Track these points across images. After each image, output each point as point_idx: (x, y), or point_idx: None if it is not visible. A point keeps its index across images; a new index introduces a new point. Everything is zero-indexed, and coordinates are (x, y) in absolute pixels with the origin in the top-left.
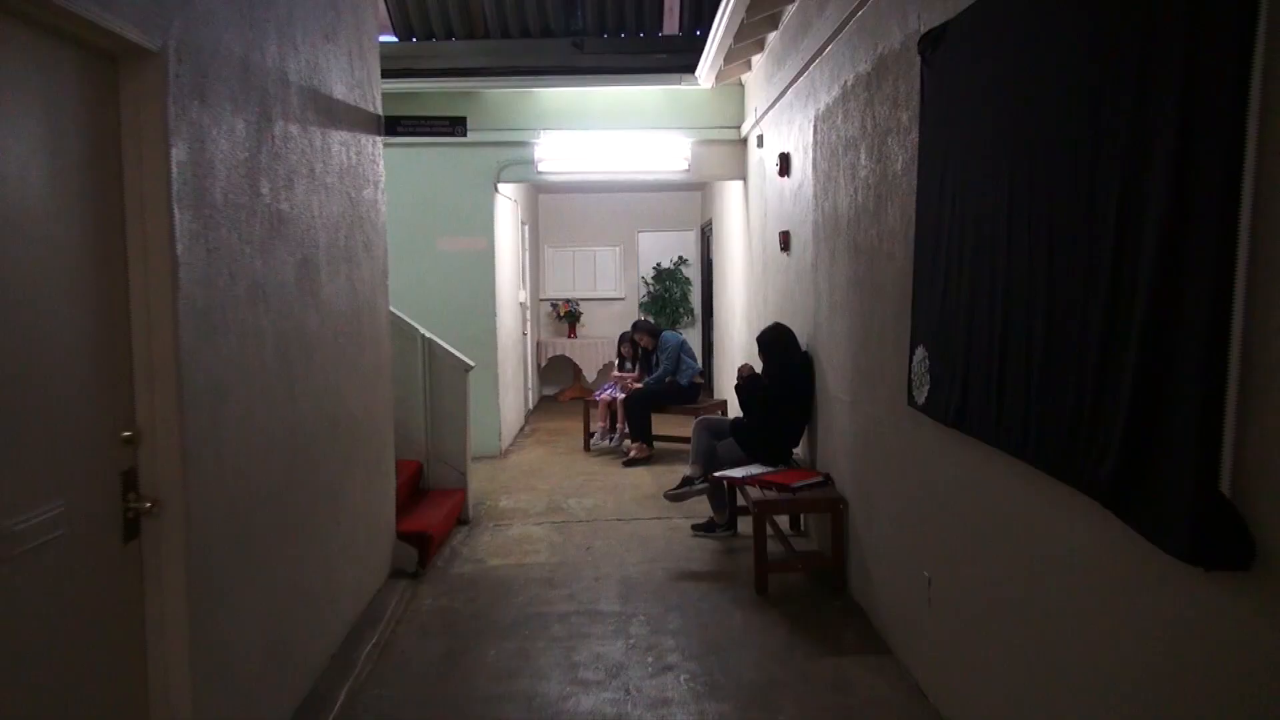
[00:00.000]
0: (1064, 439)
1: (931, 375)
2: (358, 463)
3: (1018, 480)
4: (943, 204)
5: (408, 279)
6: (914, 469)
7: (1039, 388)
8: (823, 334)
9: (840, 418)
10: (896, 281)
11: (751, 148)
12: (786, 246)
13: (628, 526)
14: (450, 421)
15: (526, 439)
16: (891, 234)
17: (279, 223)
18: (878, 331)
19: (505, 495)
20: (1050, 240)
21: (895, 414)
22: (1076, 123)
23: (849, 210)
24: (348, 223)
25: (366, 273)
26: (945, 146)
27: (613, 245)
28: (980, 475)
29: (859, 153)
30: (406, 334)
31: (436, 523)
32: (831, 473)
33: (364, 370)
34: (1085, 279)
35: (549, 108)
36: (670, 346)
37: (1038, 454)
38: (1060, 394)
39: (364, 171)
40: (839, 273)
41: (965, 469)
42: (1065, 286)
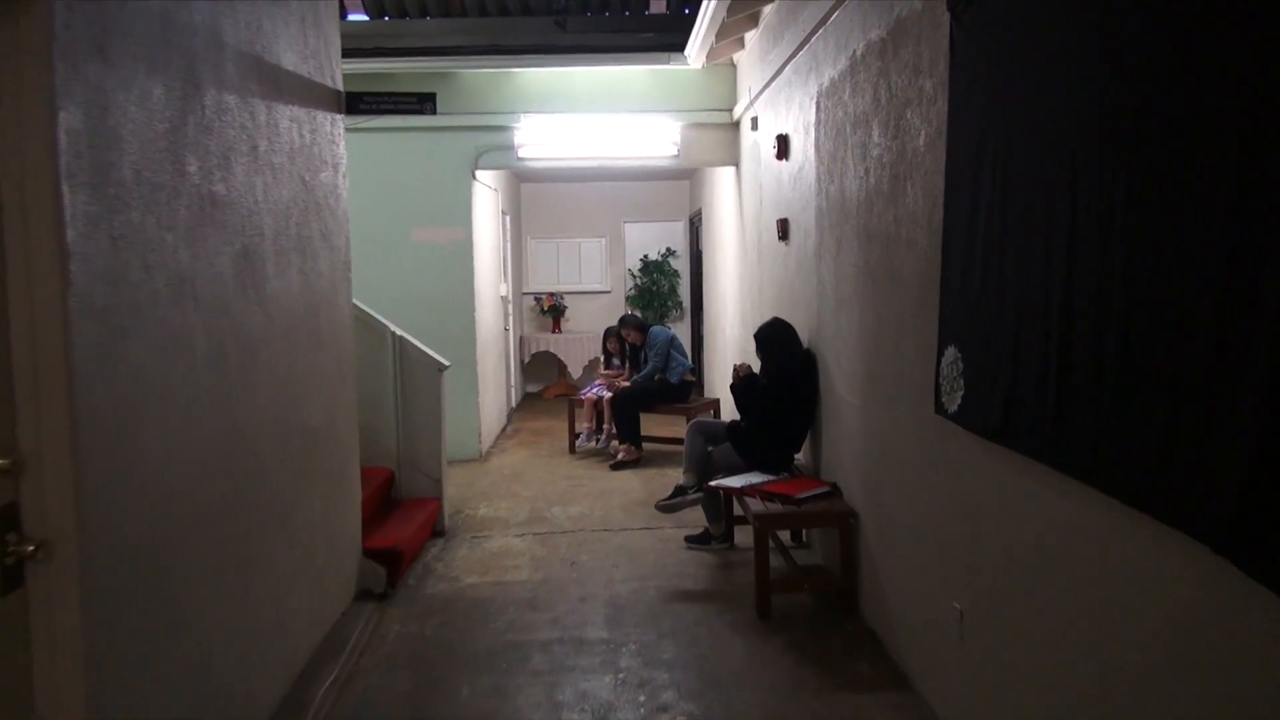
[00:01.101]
0: (1153, 464)
1: (965, 380)
2: (316, 475)
3: (1083, 508)
4: (980, 182)
5: (381, 272)
6: (942, 485)
7: (1115, 400)
8: (827, 330)
9: (849, 422)
10: (918, 271)
11: (745, 131)
12: (785, 235)
13: (616, 538)
14: (424, 425)
15: (508, 440)
16: (911, 218)
17: (212, 207)
18: (894, 328)
19: (485, 503)
20: (1134, 224)
21: (918, 422)
22: (1181, 84)
23: (859, 193)
24: (300, 208)
25: (324, 265)
26: (983, 116)
27: (598, 236)
28: (1031, 499)
29: (871, 129)
30: (375, 331)
31: (408, 537)
32: (839, 482)
33: (322, 372)
34: (1185, 272)
35: (529, 90)
36: (659, 342)
37: (1114, 480)
38: (1148, 409)
39: (321, 152)
40: (847, 262)
41: (1010, 490)
42: (1156, 280)
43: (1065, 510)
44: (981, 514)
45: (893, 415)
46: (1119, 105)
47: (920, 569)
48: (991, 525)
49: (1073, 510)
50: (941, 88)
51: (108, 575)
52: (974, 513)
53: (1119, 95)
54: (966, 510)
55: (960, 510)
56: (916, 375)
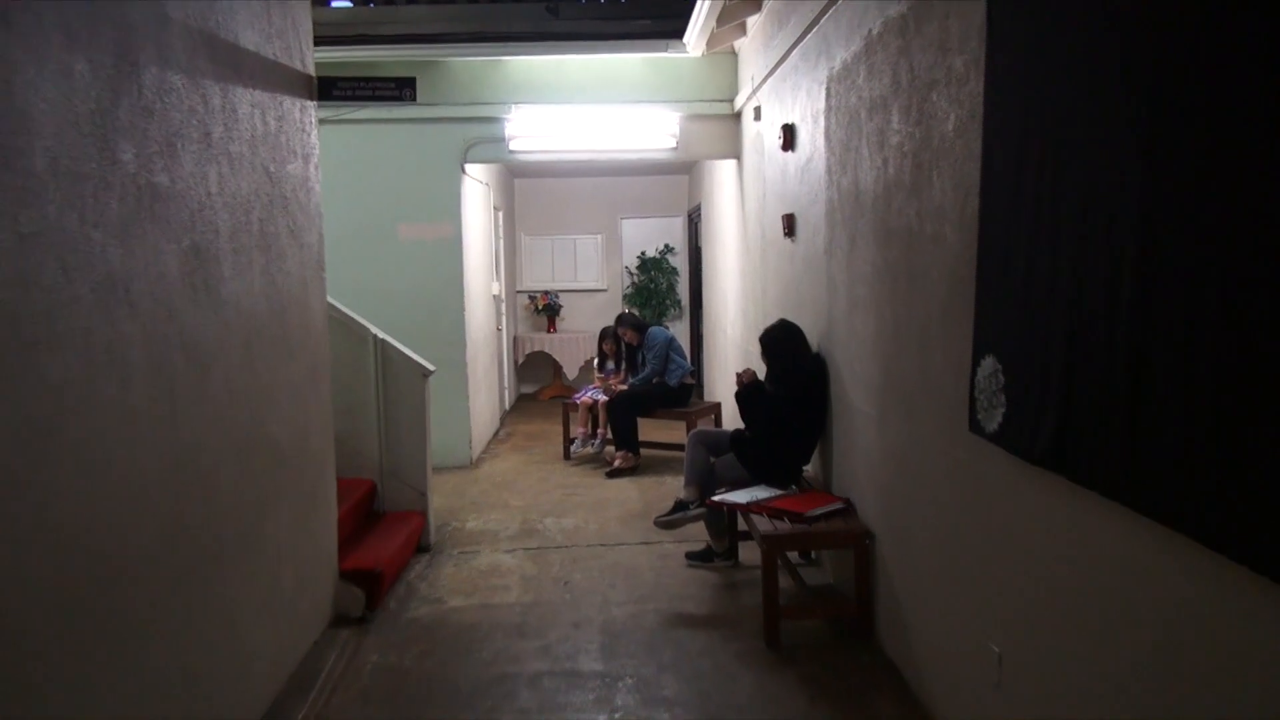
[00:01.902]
0: (1263, 512)
1: (1007, 396)
2: (283, 493)
3: (1160, 553)
4: (1024, 170)
5: (366, 271)
6: (977, 512)
7: (1219, 429)
8: (839, 333)
9: (864, 434)
10: (946, 270)
11: (747, 122)
12: (791, 231)
13: (612, 554)
14: (408, 434)
15: (501, 445)
16: (938, 211)
17: (153, 199)
18: (917, 334)
19: (474, 514)
20: (1235, 212)
21: (948, 439)
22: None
23: (875, 185)
24: (264, 203)
25: (293, 264)
26: (1029, 95)
27: (594, 233)
28: (1090, 537)
29: (889, 115)
30: (356, 334)
31: (389, 555)
32: (852, 497)
33: (292, 381)
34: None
35: (520, 79)
36: (658, 344)
37: (1224, 533)
38: (1260, 442)
39: (289, 142)
40: (862, 260)
41: (1063, 525)
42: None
43: (1137, 554)
44: (1025, 548)
45: (916, 429)
46: (1217, 68)
47: (949, 602)
48: (1038, 562)
49: (1147, 554)
50: (975, 65)
51: (8, 635)
52: (1016, 546)
53: (1216, 56)
54: (1006, 542)
55: (998, 541)
56: (945, 387)
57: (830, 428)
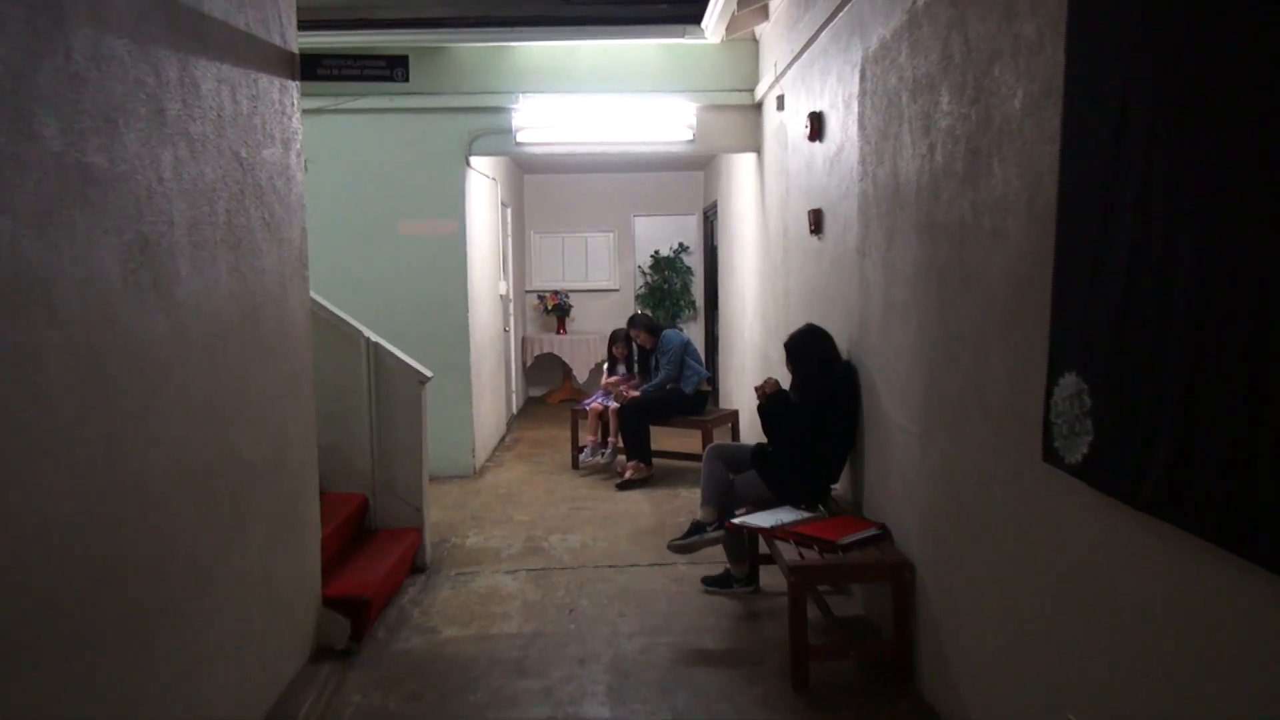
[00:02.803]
0: None
1: (1096, 422)
2: (255, 518)
3: None
4: (1124, 151)
5: (363, 269)
6: (1052, 556)
7: None
8: (873, 339)
9: (903, 453)
10: (1009, 273)
11: (768, 112)
12: (819, 228)
13: (622, 577)
14: (403, 445)
15: (507, 452)
16: (999, 203)
17: (84, 183)
18: (971, 344)
19: (475, 530)
20: None
21: (1011, 466)
22: None
23: (919, 175)
24: (233, 192)
25: (270, 260)
26: (1133, 59)
27: (606, 231)
28: (1220, 604)
29: (937, 95)
30: (346, 338)
31: (379, 579)
32: (888, 522)
33: (266, 392)
34: None
35: (529, 66)
36: (673, 348)
37: None
38: None
39: (265, 125)
40: (902, 259)
41: (1178, 584)
42: None
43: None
44: (1120, 606)
45: (969, 452)
46: None
47: (1010, 654)
48: (1138, 625)
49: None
50: (1052, 30)
51: None
52: (1105, 601)
53: None
54: (1092, 595)
55: (1081, 593)
56: (1009, 406)
57: (862, 444)
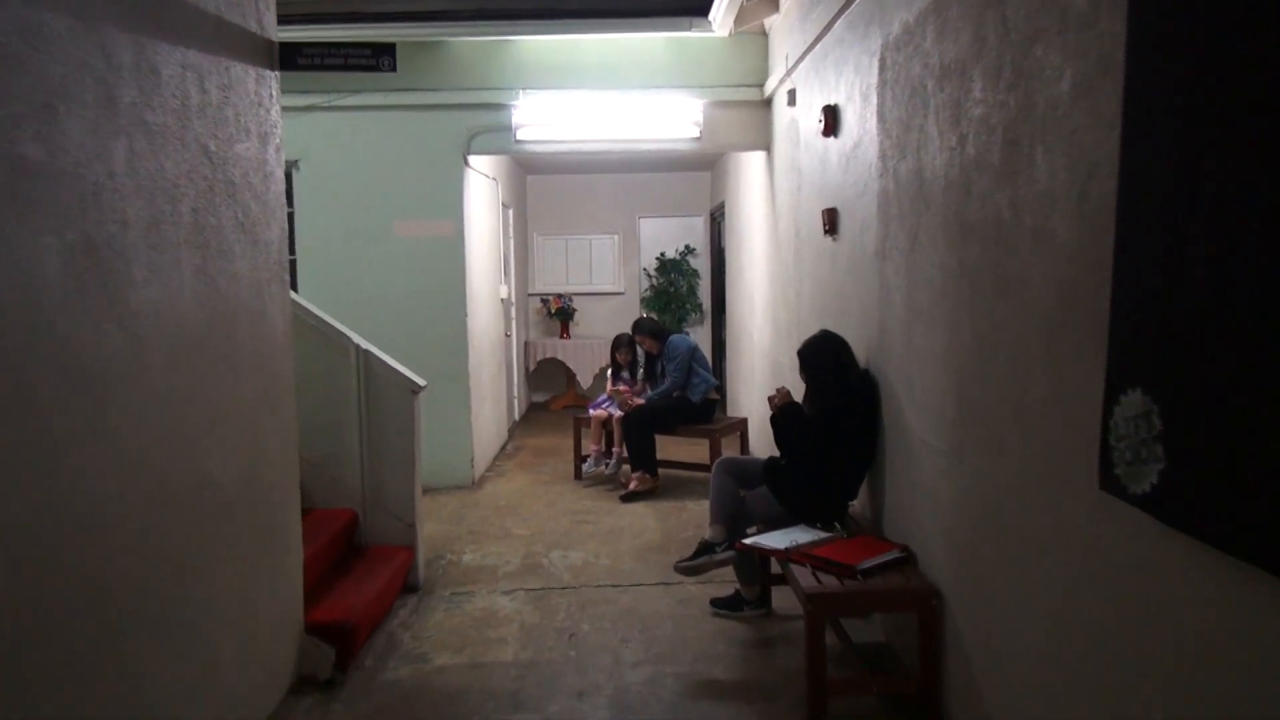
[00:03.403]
0: None
1: (1168, 448)
2: (226, 543)
3: None
4: (1202, 137)
5: (357, 273)
6: (1108, 590)
7: None
8: (895, 348)
9: (928, 471)
10: (1054, 274)
11: (778, 108)
12: (833, 228)
13: (625, 598)
14: (395, 458)
15: (508, 461)
16: (1043, 199)
17: (13, 176)
18: (1009, 354)
19: (471, 545)
20: None
21: (1058, 492)
22: None
23: (947, 170)
24: (201, 189)
25: (244, 264)
26: (1218, 25)
27: (610, 233)
28: None
29: (969, 81)
30: (335, 345)
31: (367, 602)
32: (911, 544)
33: (239, 407)
34: None
35: (529, 61)
36: (679, 354)
37: None
38: None
39: (238, 117)
40: (927, 262)
41: (1264, 632)
42: None
43: None
44: (1195, 653)
45: (1006, 473)
46: None
47: (1056, 697)
48: (1214, 674)
49: None
50: (1108, 1)
51: None
52: (1184, 655)
53: None
54: (1163, 645)
55: (1150, 643)
56: (1053, 425)
57: (881, 459)
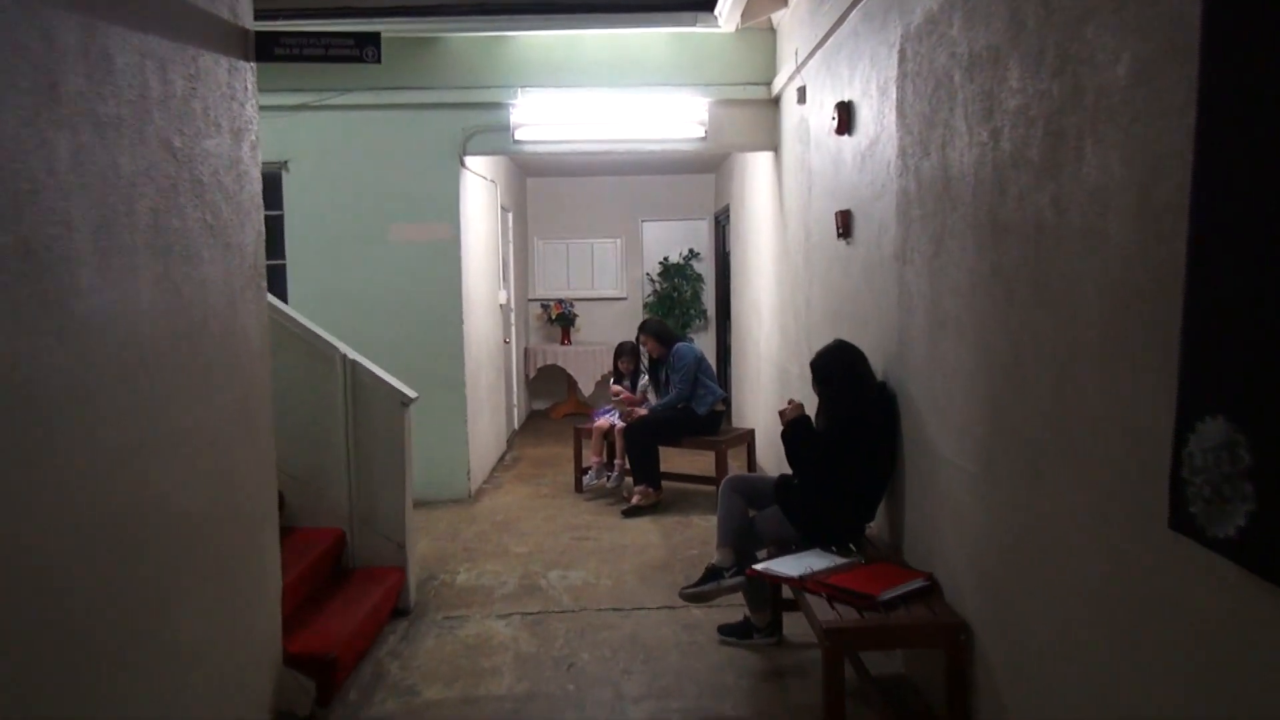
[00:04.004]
0: None
1: (1259, 485)
2: (194, 574)
3: None
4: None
5: (349, 278)
6: (1176, 645)
7: None
8: (917, 359)
9: (955, 494)
10: (1110, 281)
11: (787, 106)
12: (847, 231)
13: (628, 623)
14: (384, 475)
15: (506, 472)
16: (1094, 196)
17: None
18: (1051, 368)
19: (466, 564)
20: None
21: (1117, 528)
22: None
23: (978, 167)
24: (163, 188)
25: (214, 270)
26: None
27: (613, 237)
28: None
29: (1003, 69)
30: (321, 355)
31: (352, 630)
32: (936, 572)
33: (209, 425)
34: None
35: (528, 59)
36: (686, 364)
37: None
38: None
39: (208, 111)
40: (954, 266)
41: None
42: None
43: None
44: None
45: (1046, 501)
46: None
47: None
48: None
49: None
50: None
51: None
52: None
53: None
54: (1241, 713)
55: (1222, 710)
56: (1109, 450)
57: (901, 479)
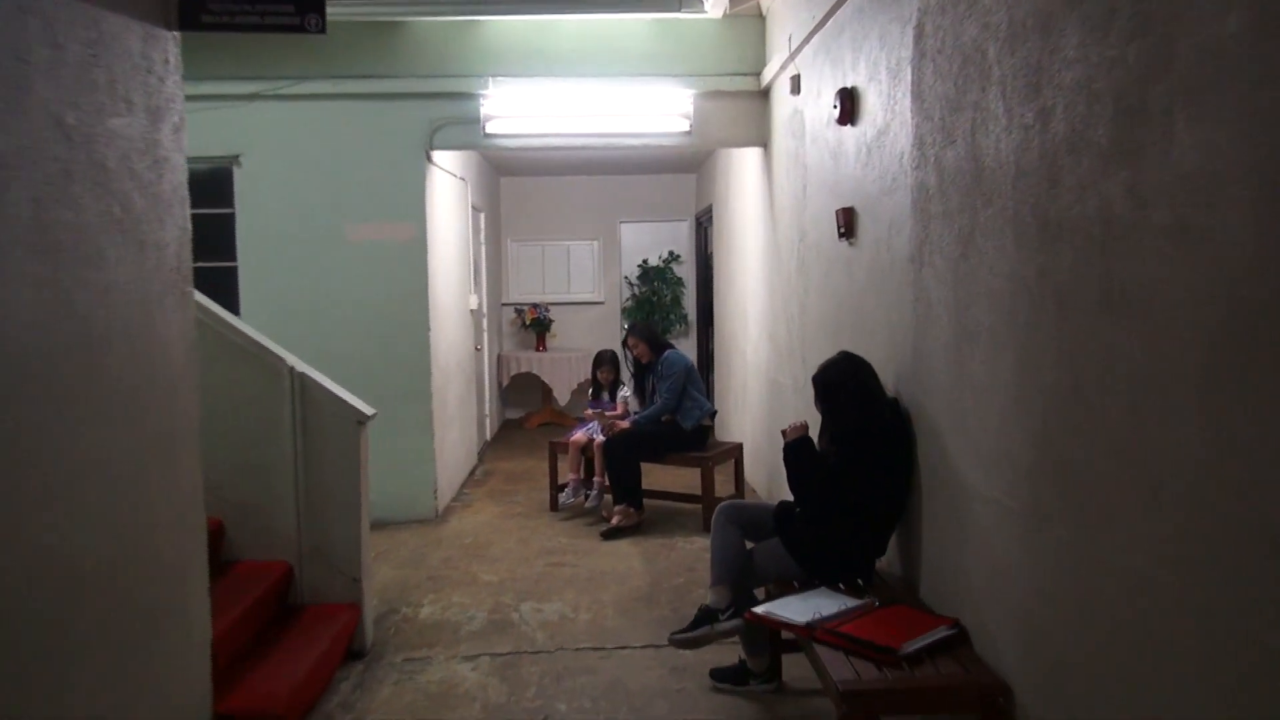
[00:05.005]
0: None
1: None
2: (93, 631)
3: None
4: None
5: (303, 282)
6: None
7: None
8: (937, 376)
9: (988, 530)
10: (1214, 288)
11: (778, 98)
12: (850, 231)
13: (609, 665)
14: (337, 500)
15: (477, 488)
16: (1188, 184)
17: None
18: (1124, 390)
19: (431, 594)
20: None
21: (1226, 589)
22: None
23: (1019, 154)
24: (48, 173)
25: (123, 272)
26: None
27: (590, 239)
28: None
29: (1057, 37)
30: (266, 368)
31: (300, 679)
32: (963, 617)
33: (112, 460)
34: None
35: (499, 46)
36: (674, 373)
37: None
38: None
39: (114, 84)
40: (988, 270)
41: None
42: None
43: None
44: None
45: (1118, 550)
46: None
47: None
48: None
49: None
50: None
51: None
52: None
53: None
54: None
55: None
56: (1217, 494)
57: (917, 508)
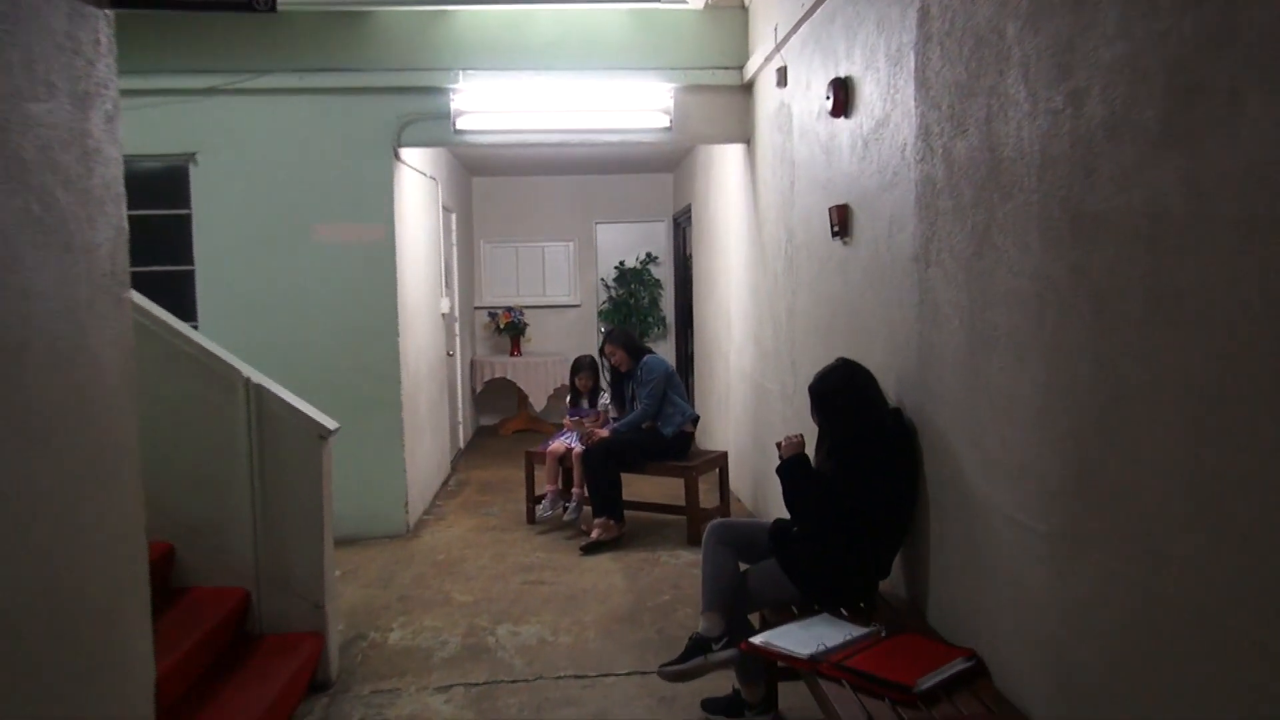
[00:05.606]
0: None
1: None
2: (13, 680)
3: None
4: None
5: (266, 285)
6: None
7: None
8: (947, 385)
9: (1012, 554)
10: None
11: (763, 92)
12: (845, 230)
13: (592, 695)
14: (297, 522)
15: (450, 500)
16: (1262, 171)
17: None
18: (1187, 411)
19: (401, 617)
20: None
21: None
22: None
23: (1046, 142)
24: None
25: (45, 278)
26: None
27: (565, 240)
28: None
29: (1090, 10)
30: (219, 379)
31: (256, 717)
32: (978, 646)
33: (34, 492)
34: None
35: (470, 38)
36: (654, 378)
37: None
38: None
39: (33, 66)
40: (1008, 270)
41: None
42: None
43: None
44: None
45: (1174, 583)
46: None
47: None
48: None
49: None
50: None
51: None
52: None
53: None
54: None
55: None
56: None
57: (923, 527)
